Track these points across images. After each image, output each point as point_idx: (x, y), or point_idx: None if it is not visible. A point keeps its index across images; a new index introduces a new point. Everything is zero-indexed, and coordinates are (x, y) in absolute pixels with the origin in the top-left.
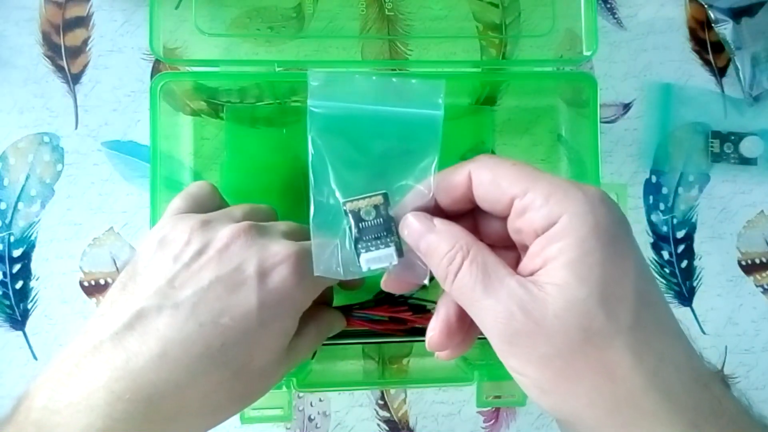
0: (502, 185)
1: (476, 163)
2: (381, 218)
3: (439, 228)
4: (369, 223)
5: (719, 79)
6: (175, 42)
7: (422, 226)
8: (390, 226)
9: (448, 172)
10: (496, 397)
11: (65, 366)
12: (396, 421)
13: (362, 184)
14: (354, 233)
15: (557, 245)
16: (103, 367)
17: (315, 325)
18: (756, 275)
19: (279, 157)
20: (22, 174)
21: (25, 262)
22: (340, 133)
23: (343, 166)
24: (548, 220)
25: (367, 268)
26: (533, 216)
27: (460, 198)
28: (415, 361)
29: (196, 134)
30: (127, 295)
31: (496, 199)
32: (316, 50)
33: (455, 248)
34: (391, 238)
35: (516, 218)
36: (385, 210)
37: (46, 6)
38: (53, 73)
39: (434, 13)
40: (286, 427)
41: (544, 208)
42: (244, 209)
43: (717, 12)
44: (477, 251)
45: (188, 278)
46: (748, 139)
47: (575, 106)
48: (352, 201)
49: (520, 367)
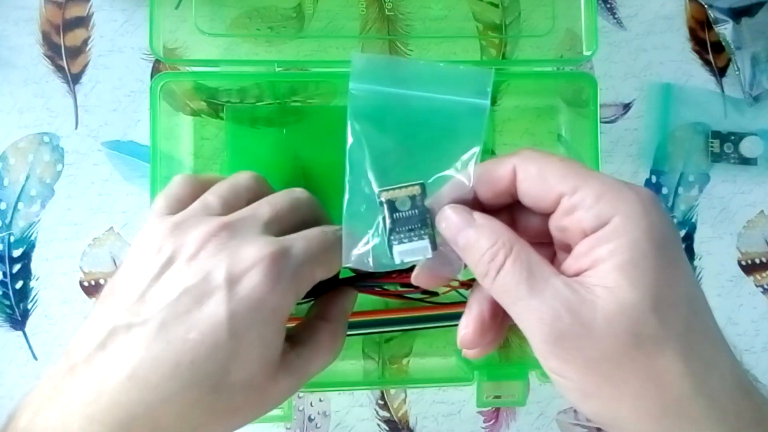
0: (549, 181)
1: (521, 157)
2: (416, 209)
3: (479, 222)
4: (404, 214)
5: (719, 79)
6: (175, 42)
7: (461, 220)
8: (425, 218)
9: (491, 164)
10: (496, 397)
11: (46, 388)
12: (396, 421)
13: (399, 173)
14: (388, 224)
15: (608, 247)
16: (78, 389)
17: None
18: (756, 275)
19: (279, 157)
20: (22, 174)
21: (25, 262)
22: (379, 119)
23: (380, 154)
24: (599, 220)
25: (400, 260)
26: (582, 215)
27: (501, 192)
28: (415, 361)
29: (196, 134)
30: (104, 312)
31: (542, 195)
32: (316, 50)
33: (497, 245)
34: (425, 230)
35: (562, 216)
36: (421, 201)
37: (46, 6)
38: (53, 73)
39: (434, 13)
40: (286, 427)
41: (594, 207)
42: (221, 194)
43: (717, 12)
44: (520, 249)
45: (157, 292)
46: (748, 139)
47: (575, 106)
48: (387, 190)
49: (562, 369)
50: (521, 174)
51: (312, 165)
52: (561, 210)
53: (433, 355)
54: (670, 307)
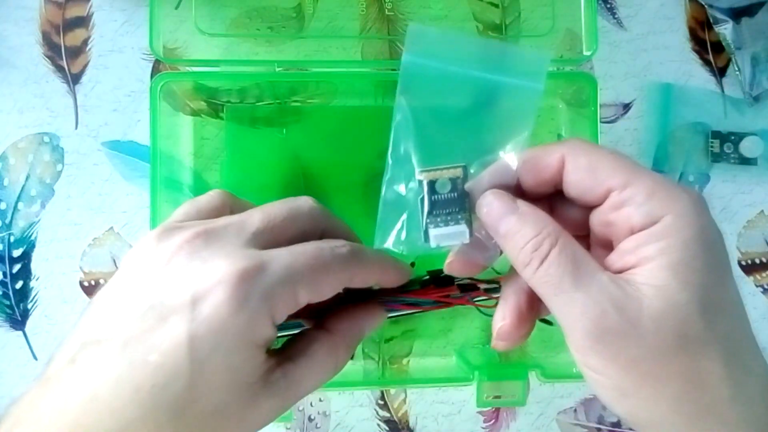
0: (599, 174)
1: (571, 147)
2: (456, 192)
3: (523, 210)
4: (443, 196)
5: (719, 79)
6: (175, 42)
7: (504, 206)
8: (464, 202)
9: (538, 151)
10: (496, 397)
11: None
12: (396, 421)
13: (441, 153)
14: (426, 206)
15: (657, 245)
16: (47, 406)
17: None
18: (756, 275)
19: (279, 157)
20: (22, 174)
21: (25, 262)
22: (428, 96)
23: (425, 132)
24: (649, 217)
25: (436, 245)
26: (632, 212)
27: (545, 181)
28: (415, 361)
29: (196, 134)
30: (84, 322)
31: (590, 187)
32: (316, 50)
33: (542, 234)
34: (462, 215)
35: (610, 211)
36: (462, 184)
37: (46, 6)
38: (53, 73)
39: (434, 13)
40: (286, 427)
41: (646, 204)
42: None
43: (717, 12)
44: (566, 240)
45: (127, 304)
46: (748, 139)
47: (575, 106)
48: (428, 171)
49: (601, 366)
50: (570, 164)
51: (312, 165)
52: (609, 204)
53: (433, 355)
54: (717, 310)
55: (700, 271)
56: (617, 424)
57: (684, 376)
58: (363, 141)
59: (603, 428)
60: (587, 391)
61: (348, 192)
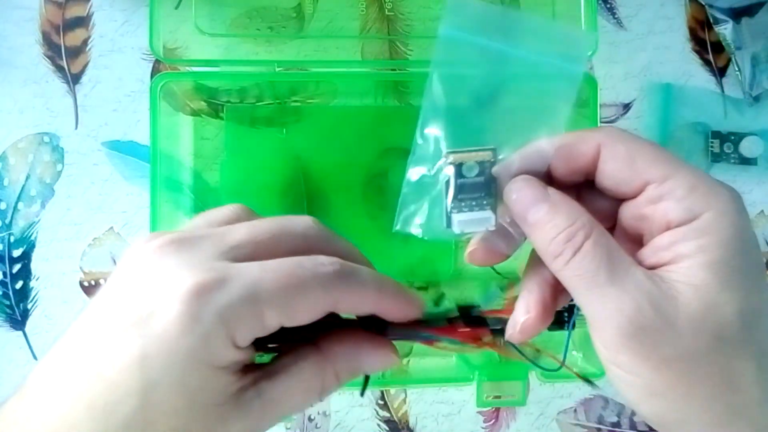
0: (637, 165)
1: (608, 136)
2: (483, 177)
3: (554, 199)
4: (469, 180)
5: (719, 79)
6: (175, 42)
7: (535, 193)
8: (490, 187)
9: (573, 138)
10: (496, 397)
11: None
12: (396, 421)
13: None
14: (451, 189)
15: (696, 242)
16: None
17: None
18: None
19: (279, 157)
20: (22, 174)
21: (25, 262)
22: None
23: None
24: (689, 213)
25: (460, 230)
26: (671, 206)
27: (578, 169)
28: (415, 361)
29: (196, 134)
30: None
31: (626, 179)
32: (316, 50)
33: (576, 225)
34: (488, 200)
35: (645, 204)
36: (490, 168)
37: (46, 6)
38: (53, 73)
39: (434, 13)
40: (286, 426)
41: (686, 200)
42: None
43: (717, 12)
44: (600, 233)
45: (98, 314)
46: (748, 139)
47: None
48: (456, 153)
49: (632, 364)
50: (607, 154)
51: (312, 165)
52: (645, 197)
53: (433, 355)
54: (754, 312)
55: (740, 272)
56: (617, 424)
57: (717, 377)
58: (363, 141)
59: (603, 428)
60: (587, 391)
61: (348, 192)
